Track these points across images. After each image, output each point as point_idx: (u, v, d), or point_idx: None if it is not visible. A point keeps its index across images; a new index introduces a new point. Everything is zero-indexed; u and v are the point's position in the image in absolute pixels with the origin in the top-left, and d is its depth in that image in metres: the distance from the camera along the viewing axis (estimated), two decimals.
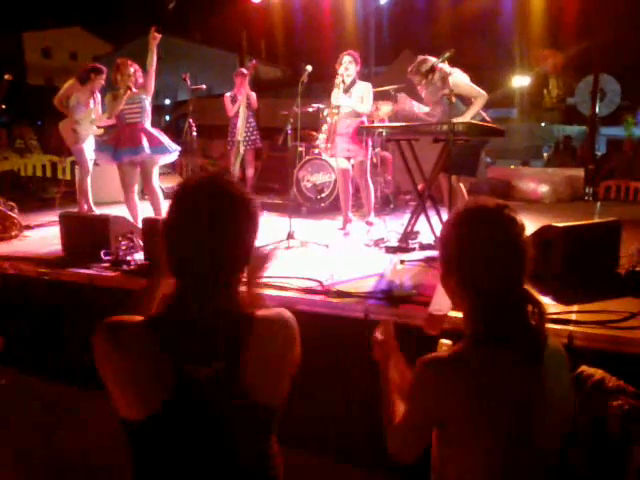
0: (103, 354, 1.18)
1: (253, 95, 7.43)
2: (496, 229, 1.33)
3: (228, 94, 7.57)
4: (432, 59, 4.51)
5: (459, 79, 4.52)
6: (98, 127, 6.19)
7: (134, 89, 5.19)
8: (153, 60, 5.27)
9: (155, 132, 5.30)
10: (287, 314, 1.28)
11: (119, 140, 5.26)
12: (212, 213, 1.17)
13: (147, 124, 5.31)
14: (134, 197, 5.45)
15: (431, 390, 1.30)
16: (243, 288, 1.29)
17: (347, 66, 5.30)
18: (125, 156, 5.21)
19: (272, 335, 1.23)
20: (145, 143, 5.11)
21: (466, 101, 4.62)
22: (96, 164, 6.29)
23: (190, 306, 1.19)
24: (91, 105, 6.18)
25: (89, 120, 6.10)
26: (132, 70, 5.28)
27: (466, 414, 1.27)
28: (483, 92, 4.54)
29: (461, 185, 4.54)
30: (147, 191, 5.63)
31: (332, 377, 2.96)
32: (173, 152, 5.35)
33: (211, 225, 1.16)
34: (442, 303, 1.70)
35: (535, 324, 1.33)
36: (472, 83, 4.63)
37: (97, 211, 6.29)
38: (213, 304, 1.19)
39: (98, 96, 6.27)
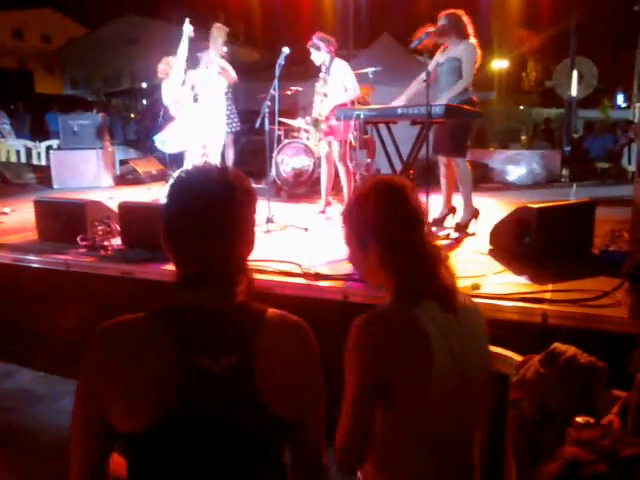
0: (104, 362, 1.09)
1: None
2: (400, 200, 1.44)
3: None
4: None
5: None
6: None
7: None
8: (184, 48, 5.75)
9: None
10: (299, 319, 1.23)
11: None
12: (211, 202, 1.13)
13: None
14: None
15: (373, 345, 1.33)
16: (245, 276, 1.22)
17: (313, 58, 5.34)
18: None
19: (283, 333, 1.18)
20: None
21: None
22: None
23: (196, 298, 1.13)
24: None
25: None
26: None
27: (406, 365, 1.32)
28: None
29: (467, 164, 4.57)
30: None
31: None
32: None
33: (212, 213, 1.13)
34: None
35: (446, 279, 1.44)
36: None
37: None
38: (220, 295, 1.15)
39: None
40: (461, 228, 4.52)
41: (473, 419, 1.51)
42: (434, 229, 4.47)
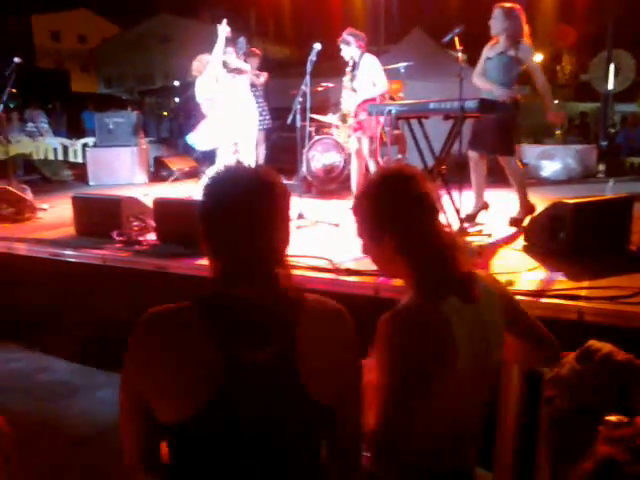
0: (147, 349, 1.11)
1: (262, 78, 7.39)
2: (412, 189, 1.43)
3: None
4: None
5: None
6: None
7: None
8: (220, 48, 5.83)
9: None
10: (338, 305, 1.24)
11: None
12: (247, 198, 1.15)
13: None
14: None
15: (406, 337, 1.34)
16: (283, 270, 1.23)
17: (342, 54, 5.34)
18: None
19: (323, 320, 1.19)
20: None
21: None
22: None
23: (236, 289, 1.14)
24: None
25: None
26: None
27: (435, 357, 1.34)
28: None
29: (517, 161, 4.61)
30: None
31: None
32: None
33: (248, 209, 1.14)
34: None
35: (463, 268, 1.44)
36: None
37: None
38: (260, 287, 1.15)
39: None
40: (516, 222, 4.52)
41: (484, 398, 1.54)
42: (466, 225, 4.45)
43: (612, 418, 1.54)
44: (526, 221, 4.43)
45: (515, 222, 4.53)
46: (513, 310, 1.59)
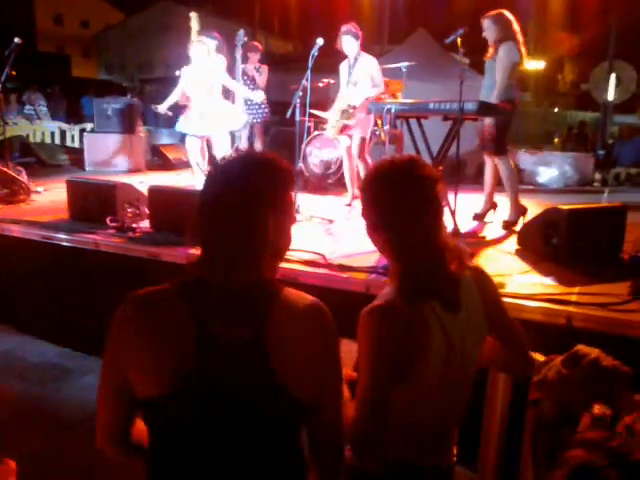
0: (130, 326, 1.16)
1: (262, 71, 7.35)
2: (411, 185, 1.40)
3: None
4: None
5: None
6: None
7: None
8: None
9: None
10: (316, 300, 1.23)
11: None
12: (244, 184, 1.16)
13: None
14: None
15: (385, 332, 1.34)
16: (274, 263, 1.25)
17: (344, 46, 5.28)
18: None
19: (298, 311, 1.19)
20: None
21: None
22: None
23: (217, 274, 1.17)
24: None
25: None
26: None
27: (411, 351, 1.34)
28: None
29: (510, 162, 4.66)
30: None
31: None
32: None
33: (243, 197, 1.15)
34: None
35: (454, 269, 1.42)
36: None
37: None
38: (241, 274, 1.17)
39: None
40: (509, 225, 4.55)
41: (464, 396, 1.53)
42: (476, 224, 4.57)
43: (596, 409, 1.55)
44: (519, 223, 4.49)
45: (508, 225, 4.55)
46: (495, 311, 1.56)
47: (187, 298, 1.16)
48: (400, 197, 1.40)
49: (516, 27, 4.47)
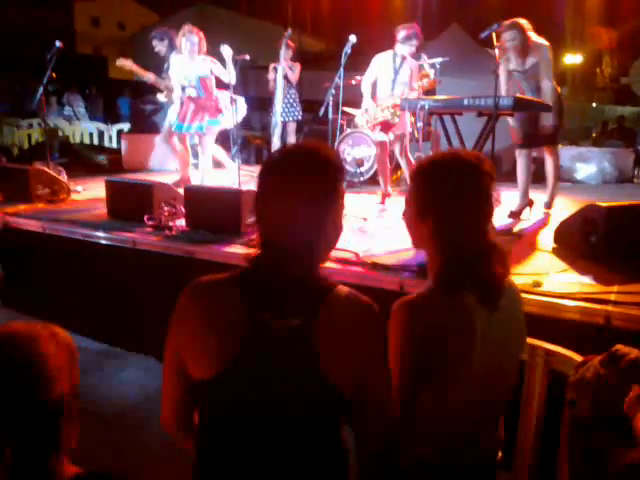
0: (187, 311, 1.23)
1: (294, 68, 7.38)
2: (468, 180, 1.38)
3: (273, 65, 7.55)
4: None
5: None
6: None
7: None
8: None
9: None
10: (370, 301, 1.25)
11: None
12: (299, 176, 1.19)
13: None
14: None
15: (413, 329, 1.34)
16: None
17: (403, 49, 5.25)
18: None
19: (349, 308, 1.21)
20: None
21: None
22: None
23: (273, 264, 1.20)
24: None
25: None
26: None
27: (448, 350, 1.34)
28: None
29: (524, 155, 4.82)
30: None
31: None
32: None
33: (298, 188, 1.18)
34: None
35: (499, 271, 1.40)
36: None
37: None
38: (296, 264, 1.19)
39: None
40: (514, 215, 4.68)
41: (503, 398, 1.54)
42: (511, 221, 4.60)
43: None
44: (525, 214, 4.72)
45: (513, 215, 4.70)
46: None
47: (242, 286, 1.21)
48: (461, 190, 1.38)
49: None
